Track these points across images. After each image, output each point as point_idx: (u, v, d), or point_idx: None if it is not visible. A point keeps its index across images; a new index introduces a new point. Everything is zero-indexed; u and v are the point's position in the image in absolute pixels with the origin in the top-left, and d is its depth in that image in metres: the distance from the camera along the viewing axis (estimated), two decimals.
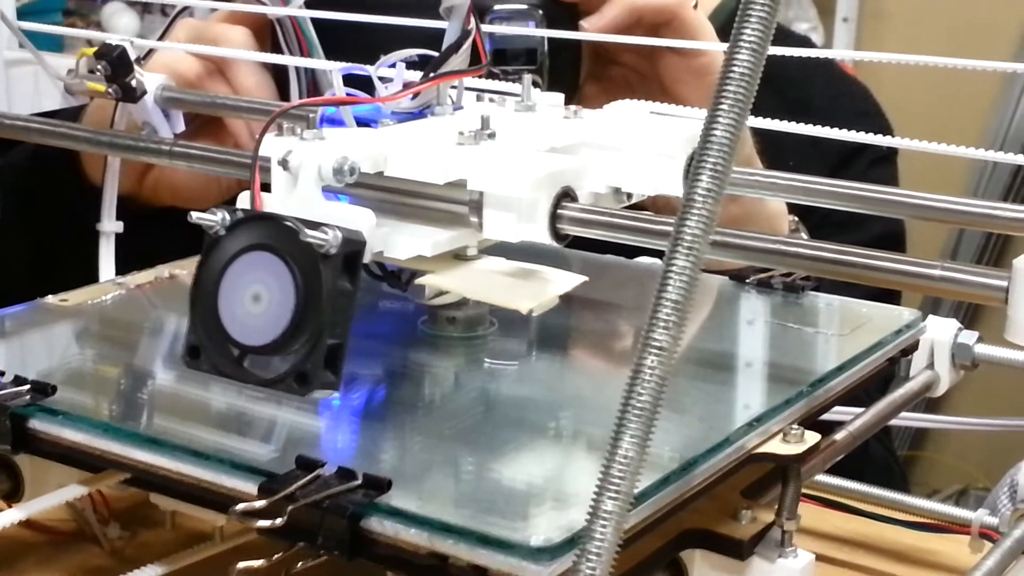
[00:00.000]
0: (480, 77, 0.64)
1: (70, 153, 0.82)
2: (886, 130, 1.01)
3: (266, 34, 0.79)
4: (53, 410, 0.53)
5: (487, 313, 0.62)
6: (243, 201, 0.54)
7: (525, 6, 0.77)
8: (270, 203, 0.53)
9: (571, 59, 0.81)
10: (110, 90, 0.70)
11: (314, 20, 0.75)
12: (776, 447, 0.53)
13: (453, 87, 0.61)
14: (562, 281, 0.56)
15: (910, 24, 2.23)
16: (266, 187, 0.54)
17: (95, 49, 0.70)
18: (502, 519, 0.45)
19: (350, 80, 0.63)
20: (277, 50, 0.77)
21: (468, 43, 0.59)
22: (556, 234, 0.54)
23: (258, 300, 0.49)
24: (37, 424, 0.53)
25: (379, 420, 0.55)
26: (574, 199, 0.54)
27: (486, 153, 0.55)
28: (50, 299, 0.67)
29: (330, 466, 0.47)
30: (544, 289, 0.55)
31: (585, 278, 0.57)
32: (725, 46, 0.39)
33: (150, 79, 0.71)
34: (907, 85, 1.79)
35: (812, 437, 0.53)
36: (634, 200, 0.61)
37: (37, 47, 0.74)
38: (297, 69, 0.77)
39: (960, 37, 2.13)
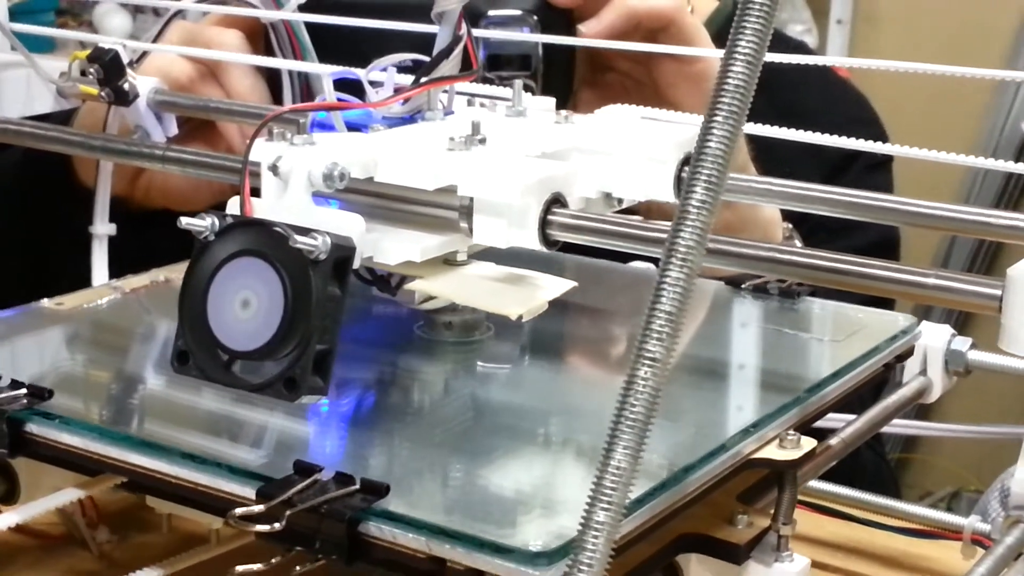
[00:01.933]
0: (472, 82, 0.64)
1: (62, 156, 0.82)
2: (881, 137, 1.01)
3: (259, 38, 0.79)
4: (49, 414, 0.53)
5: (484, 318, 0.62)
6: (233, 207, 0.54)
7: (519, 12, 0.77)
8: (260, 208, 0.53)
9: (566, 65, 0.81)
10: (103, 93, 0.70)
11: (307, 24, 0.75)
12: (772, 453, 0.53)
13: (444, 92, 0.61)
14: (551, 286, 0.56)
15: (904, 26, 2.23)
16: (256, 192, 0.54)
17: (88, 52, 0.69)
18: (501, 524, 0.45)
19: (342, 84, 0.63)
20: (270, 54, 0.77)
21: (459, 48, 0.58)
22: (546, 240, 0.54)
23: (247, 306, 0.49)
24: (34, 428, 0.53)
25: (376, 425, 0.55)
26: (564, 205, 0.54)
27: (476, 159, 0.55)
28: (45, 303, 0.66)
29: (328, 471, 0.47)
30: (533, 294, 0.55)
31: (574, 283, 0.57)
32: (721, 52, 0.39)
33: (143, 82, 0.71)
34: (900, 88, 1.79)
35: (808, 443, 0.53)
36: (625, 205, 0.61)
37: (29, 47, 0.74)
38: (290, 73, 0.77)
39: (954, 39, 2.13)
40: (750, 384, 0.61)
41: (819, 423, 0.59)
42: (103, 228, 0.77)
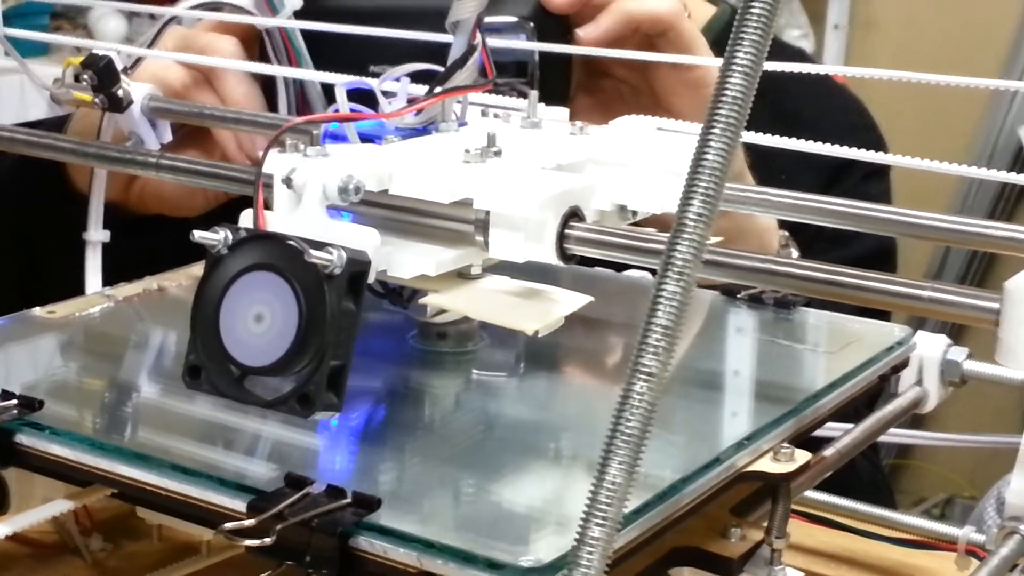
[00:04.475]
0: (486, 92, 0.63)
1: (57, 161, 0.82)
2: (878, 144, 1.01)
3: (254, 44, 0.78)
4: (40, 425, 0.53)
5: (478, 328, 0.61)
6: (245, 219, 0.53)
7: (516, 18, 0.77)
8: (273, 221, 0.52)
9: (562, 71, 0.81)
10: (96, 100, 0.69)
11: (302, 30, 0.75)
12: (766, 466, 0.53)
13: (458, 102, 0.61)
14: (568, 301, 0.55)
15: (901, 32, 2.23)
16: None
17: (81, 58, 0.69)
18: (493, 539, 0.45)
19: (348, 92, 0.62)
20: (265, 60, 0.77)
21: (474, 58, 0.58)
22: (563, 254, 0.53)
23: (260, 320, 0.49)
24: (24, 439, 0.53)
25: (369, 437, 0.54)
26: (582, 219, 0.54)
27: (493, 171, 0.55)
28: (37, 311, 0.66)
29: (319, 484, 0.47)
30: (550, 309, 0.55)
31: (590, 298, 0.56)
32: (720, 61, 0.39)
33: (137, 89, 0.71)
34: (897, 93, 1.79)
35: (802, 455, 0.53)
36: (639, 217, 0.60)
37: (24, 51, 0.73)
38: (285, 80, 0.77)
39: (951, 44, 2.13)
40: (744, 396, 0.61)
41: (815, 432, 0.59)
42: (97, 235, 0.76)
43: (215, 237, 0.50)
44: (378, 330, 0.64)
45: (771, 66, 0.55)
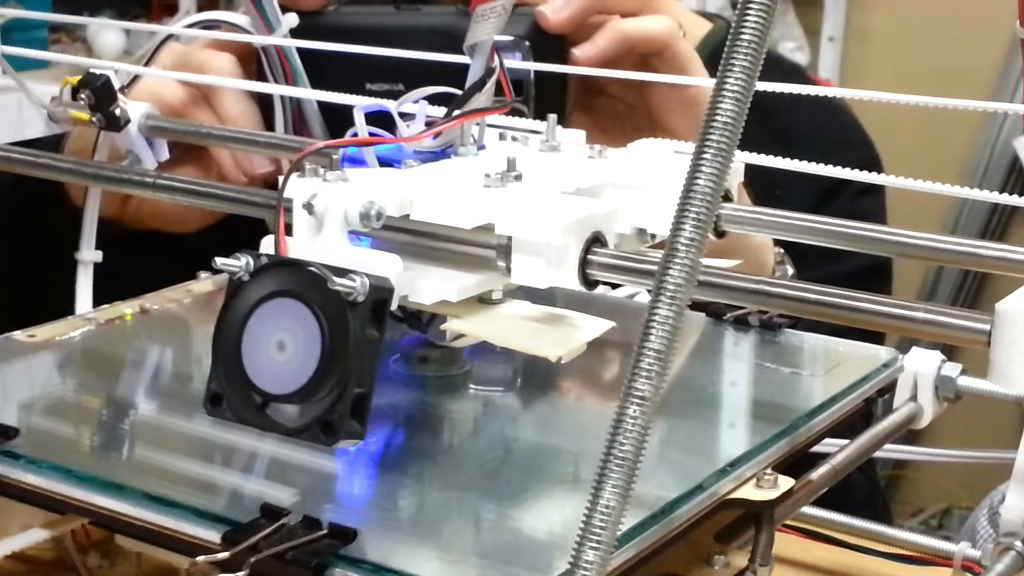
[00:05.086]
0: (505, 114, 0.63)
1: None
2: (873, 160, 1.01)
3: (251, 61, 0.79)
4: (14, 454, 0.52)
5: (461, 352, 0.61)
6: (266, 246, 0.53)
7: (512, 37, 0.77)
8: (294, 248, 0.51)
9: (558, 89, 0.81)
10: (94, 119, 0.70)
11: (298, 48, 0.75)
12: (749, 493, 0.52)
13: (476, 125, 0.60)
14: (591, 327, 0.55)
15: (896, 43, 2.24)
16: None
17: (79, 77, 0.69)
18: (471, 572, 0.45)
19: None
20: (262, 77, 0.77)
21: (492, 80, 0.57)
22: (586, 280, 0.53)
23: (283, 348, 0.48)
24: None
25: (349, 466, 0.53)
26: (604, 244, 0.53)
27: (514, 196, 0.54)
28: (17, 334, 0.65)
29: (295, 515, 0.47)
30: (572, 335, 0.54)
31: (612, 323, 0.55)
32: (712, 82, 0.39)
33: (134, 108, 0.71)
34: (891, 104, 1.80)
35: (786, 482, 0.53)
36: (657, 241, 0.59)
37: (23, 65, 0.74)
38: (282, 98, 0.77)
39: (945, 56, 2.13)
40: (728, 420, 0.60)
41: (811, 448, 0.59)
42: (89, 255, 0.76)
43: (236, 264, 0.49)
44: None
45: (763, 86, 0.56)
